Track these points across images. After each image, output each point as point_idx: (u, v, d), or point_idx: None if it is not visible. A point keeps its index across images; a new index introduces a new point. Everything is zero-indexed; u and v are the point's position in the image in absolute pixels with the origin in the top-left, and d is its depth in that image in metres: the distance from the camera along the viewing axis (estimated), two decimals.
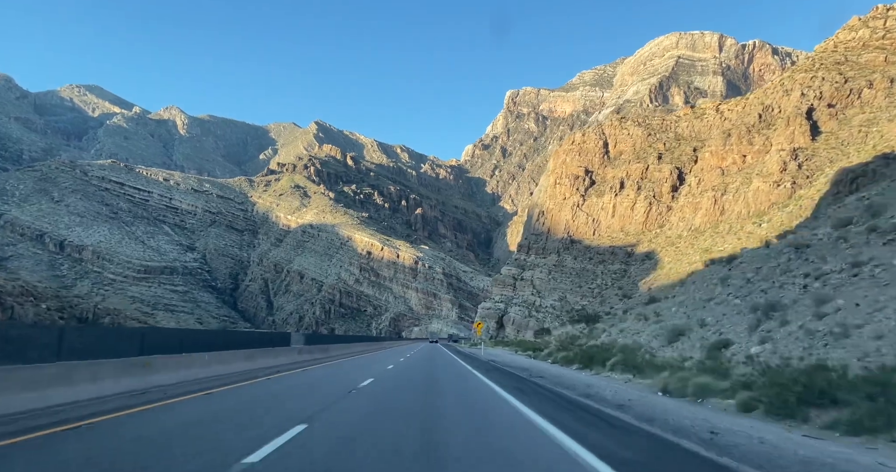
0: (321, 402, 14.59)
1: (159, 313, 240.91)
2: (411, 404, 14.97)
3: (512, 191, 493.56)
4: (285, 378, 22.38)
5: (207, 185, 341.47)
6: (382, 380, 23.27)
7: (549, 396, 17.74)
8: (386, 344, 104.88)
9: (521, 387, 20.60)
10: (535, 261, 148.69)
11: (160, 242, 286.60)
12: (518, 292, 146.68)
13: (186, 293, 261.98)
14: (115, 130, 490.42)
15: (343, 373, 28.73)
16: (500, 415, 12.79)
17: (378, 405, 14.37)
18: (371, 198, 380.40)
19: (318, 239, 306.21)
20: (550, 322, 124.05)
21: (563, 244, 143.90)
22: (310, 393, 17.43)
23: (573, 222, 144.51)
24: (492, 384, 21.71)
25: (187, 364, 19.79)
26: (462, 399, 16.12)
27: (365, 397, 16.40)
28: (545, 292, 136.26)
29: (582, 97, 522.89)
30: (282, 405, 13.89)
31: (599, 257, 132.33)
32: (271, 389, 17.84)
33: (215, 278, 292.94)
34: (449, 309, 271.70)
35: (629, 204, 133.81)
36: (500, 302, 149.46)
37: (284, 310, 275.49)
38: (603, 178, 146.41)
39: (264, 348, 32.68)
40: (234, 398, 15.01)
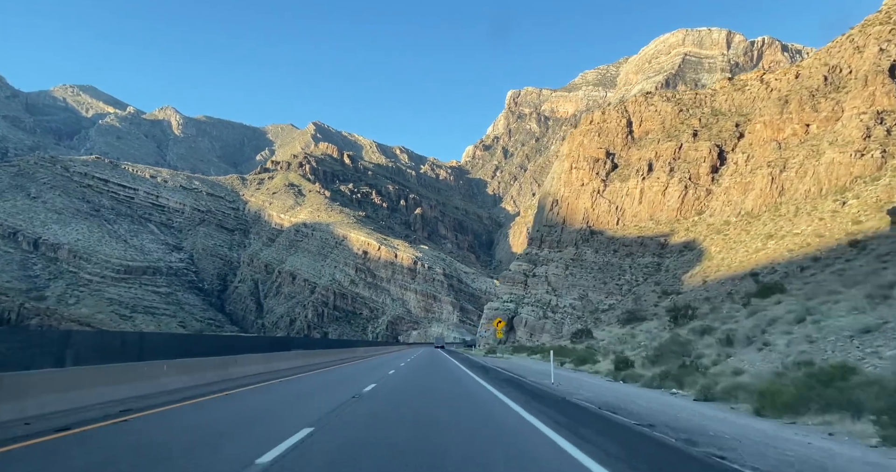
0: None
1: (139, 315, 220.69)
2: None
3: (514, 192, 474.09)
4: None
5: (197, 182, 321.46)
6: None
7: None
8: (380, 351, 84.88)
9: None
10: (550, 255, 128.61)
11: (144, 241, 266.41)
12: (530, 290, 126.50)
13: (170, 295, 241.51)
14: (108, 129, 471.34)
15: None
16: None
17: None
18: (369, 197, 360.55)
19: (311, 238, 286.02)
20: (571, 324, 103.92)
21: (582, 236, 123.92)
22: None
23: (593, 211, 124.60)
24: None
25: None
26: None
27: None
28: (562, 289, 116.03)
29: (585, 97, 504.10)
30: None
31: (626, 249, 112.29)
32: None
33: (202, 279, 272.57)
34: (450, 312, 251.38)
35: (660, 188, 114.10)
36: (509, 302, 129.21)
37: (275, 313, 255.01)
38: (627, 160, 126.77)
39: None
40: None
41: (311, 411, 13.51)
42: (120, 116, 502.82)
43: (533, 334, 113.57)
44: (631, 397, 18.92)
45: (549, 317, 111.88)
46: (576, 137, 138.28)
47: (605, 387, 23.92)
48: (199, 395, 16.15)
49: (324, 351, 51.06)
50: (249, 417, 12.27)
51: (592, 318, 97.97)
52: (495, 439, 10.01)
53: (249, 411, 13.29)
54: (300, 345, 48.82)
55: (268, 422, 11.47)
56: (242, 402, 15.13)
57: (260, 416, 12.43)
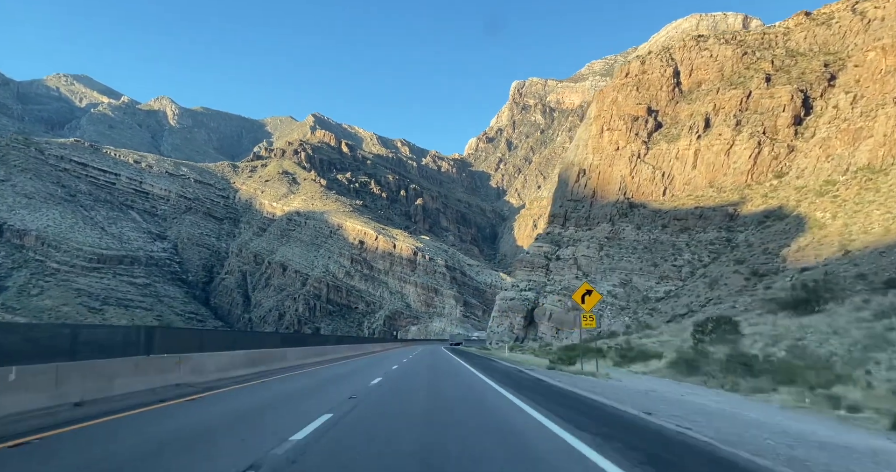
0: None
1: (110, 308, 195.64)
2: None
3: (518, 185, 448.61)
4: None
5: (185, 169, 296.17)
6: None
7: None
8: (358, 352, 59.90)
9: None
10: (577, 234, 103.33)
11: (124, 228, 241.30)
12: (553, 275, 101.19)
13: (147, 287, 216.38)
14: (99, 118, 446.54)
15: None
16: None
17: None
18: (367, 187, 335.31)
19: (304, 227, 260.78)
20: (613, 317, 78.56)
21: (619, 210, 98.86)
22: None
23: (632, 180, 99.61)
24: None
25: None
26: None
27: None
28: (596, 274, 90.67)
29: (592, 87, 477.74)
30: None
31: (678, 223, 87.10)
32: None
33: (187, 270, 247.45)
34: (452, 306, 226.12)
35: (722, 147, 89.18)
36: (527, 290, 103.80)
37: (263, 306, 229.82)
38: (674, 118, 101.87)
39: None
40: None
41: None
42: (113, 105, 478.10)
43: (560, 330, 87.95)
44: None
45: (580, 309, 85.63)
46: (607, 95, 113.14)
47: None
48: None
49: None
50: None
51: (645, 308, 72.46)
52: None
53: None
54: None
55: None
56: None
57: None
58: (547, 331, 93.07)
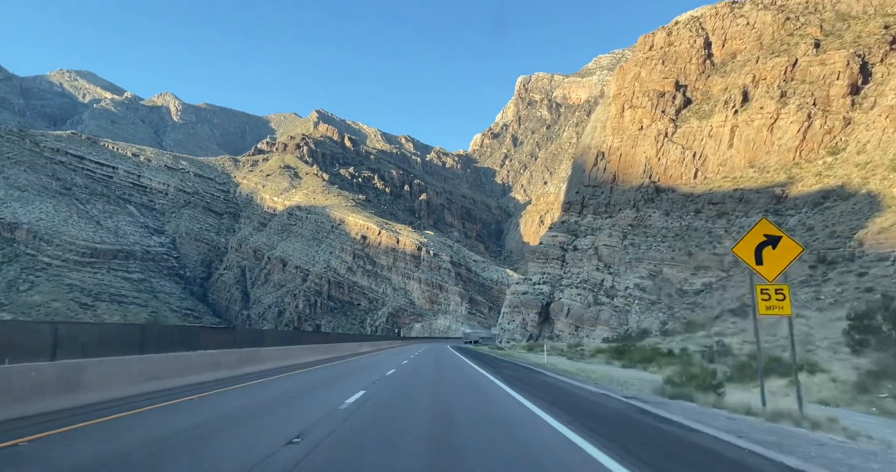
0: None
1: (102, 304, 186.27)
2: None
3: (524, 181, 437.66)
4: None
5: (184, 163, 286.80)
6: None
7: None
8: (348, 353, 49.71)
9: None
10: (596, 222, 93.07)
11: (120, 223, 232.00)
12: (570, 268, 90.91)
13: (143, 282, 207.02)
14: (101, 113, 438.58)
15: None
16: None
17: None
18: (370, 182, 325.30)
19: (305, 222, 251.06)
20: (642, 313, 68.20)
21: (644, 195, 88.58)
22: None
23: (658, 161, 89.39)
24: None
25: None
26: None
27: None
28: (619, 265, 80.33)
29: (599, 82, 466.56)
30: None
31: (714, 208, 76.79)
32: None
33: (184, 265, 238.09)
34: (458, 303, 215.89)
35: (764, 122, 78.91)
36: (541, 284, 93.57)
37: (262, 303, 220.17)
38: (706, 92, 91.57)
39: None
40: None
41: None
42: (116, 100, 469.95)
43: (580, 327, 77.53)
44: None
45: (604, 303, 76.25)
46: (628, 70, 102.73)
47: None
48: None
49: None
50: None
51: (682, 303, 62.08)
52: None
53: None
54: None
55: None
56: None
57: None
58: (565, 328, 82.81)
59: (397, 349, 65.74)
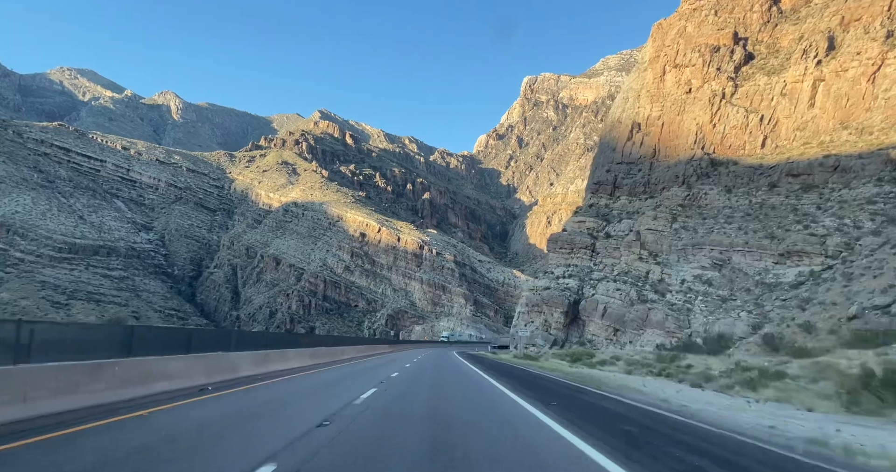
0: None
1: (77, 303, 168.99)
2: None
3: (529, 182, 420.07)
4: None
5: (177, 157, 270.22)
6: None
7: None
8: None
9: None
10: (633, 204, 75.68)
11: (105, 218, 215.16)
12: (603, 258, 73.29)
13: (125, 280, 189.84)
14: (100, 110, 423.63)
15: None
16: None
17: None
18: (372, 180, 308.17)
19: (302, 219, 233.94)
20: (710, 312, 50.30)
21: (696, 169, 71.37)
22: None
23: (713, 129, 72.39)
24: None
25: None
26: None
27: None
28: (670, 253, 62.71)
29: (607, 82, 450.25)
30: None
31: (797, 180, 59.56)
32: None
33: (172, 263, 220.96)
34: (462, 305, 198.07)
35: (863, 71, 61.97)
36: (566, 277, 75.65)
37: (253, 303, 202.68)
38: (772, 45, 74.70)
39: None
40: None
41: None
42: (115, 98, 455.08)
43: (620, 330, 59.62)
44: None
45: (652, 300, 58.54)
46: (670, 27, 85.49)
47: None
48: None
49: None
50: None
51: (774, 299, 44.23)
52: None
53: None
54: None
55: None
56: None
57: None
58: (600, 331, 64.84)
59: (382, 359, 48.36)
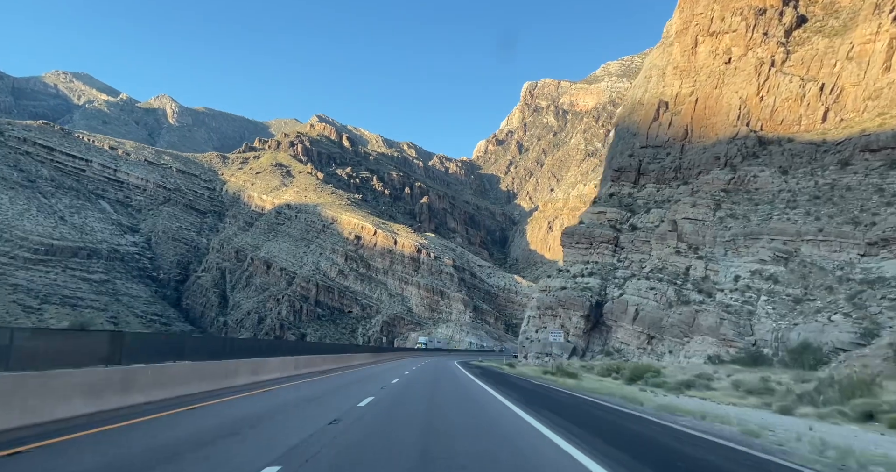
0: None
1: (51, 307, 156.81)
2: None
3: (529, 188, 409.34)
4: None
5: (167, 157, 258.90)
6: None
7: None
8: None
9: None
10: (662, 193, 64.61)
11: (89, 219, 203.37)
12: (629, 253, 61.89)
13: (105, 283, 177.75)
14: (94, 113, 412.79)
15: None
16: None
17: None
18: (368, 183, 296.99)
19: (294, 221, 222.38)
20: (781, 316, 37.79)
21: (741, 148, 60.44)
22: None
23: (761, 102, 61.78)
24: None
25: None
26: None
27: None
28: (715, 246, 51.15)
29: (608, 88, 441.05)
30: None
31: (874, 156, 48.50)
32: None
33: (158, 266, 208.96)
34: (461, 311, 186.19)
35: None
36: (585, 276, 63.96)
37: (241, 308, 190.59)
38: (830, 5, 63.77)
39: None
40: None
41: None
42: (110, 102, 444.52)
43: (657, 337, 47.68)
44: None
45: (697, 302, 46.80)
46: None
47: None
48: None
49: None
50: None
51: (878, 298, 32.19)
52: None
53: None
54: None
55: None
56: None
57: None
58: (630, 339, 53.06)
59: (359, 372, 36.77)
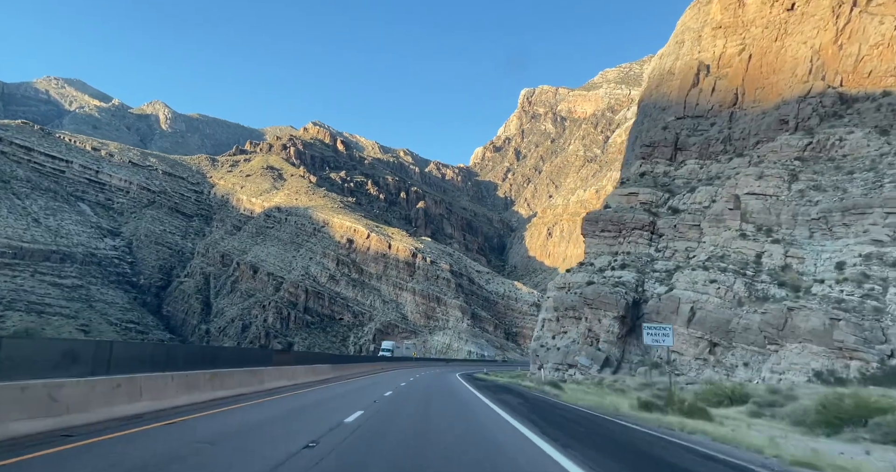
0: None
1: (15, 314, 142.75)
2: None
3: (528, 194, 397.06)
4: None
5: (153, 159, 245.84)
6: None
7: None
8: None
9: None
10: (708, 168, 51.93)
11: (65, 221, 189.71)
12: (671, 241, 48.44)
13: (77, 289, 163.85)
14: (84, 118, 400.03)
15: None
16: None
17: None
18: (363, 187, 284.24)
19: (284, 224, 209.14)
20: None
21: (815, 109, 48.40)
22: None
23: (839, 52, 50.02)
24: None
25: None
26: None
27: None
28: (795, 227, 37.54)
29: (606, 95, 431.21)
30: None
31: None
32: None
33: (139, 271, 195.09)
34: (458, 319, 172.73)
35: None
36: (615, 268, 50.47)
37: (225, 315, 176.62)
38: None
39: None
40: None
41: None
42: (101, 107, 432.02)
43: (723, 345, 33.37)
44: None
45: (793, 299, 33.06)
46: None
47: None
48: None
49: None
50: None
51: None
52: None
53: None
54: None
55: None
56: None
57: None
58: (686, 346, 40.05)
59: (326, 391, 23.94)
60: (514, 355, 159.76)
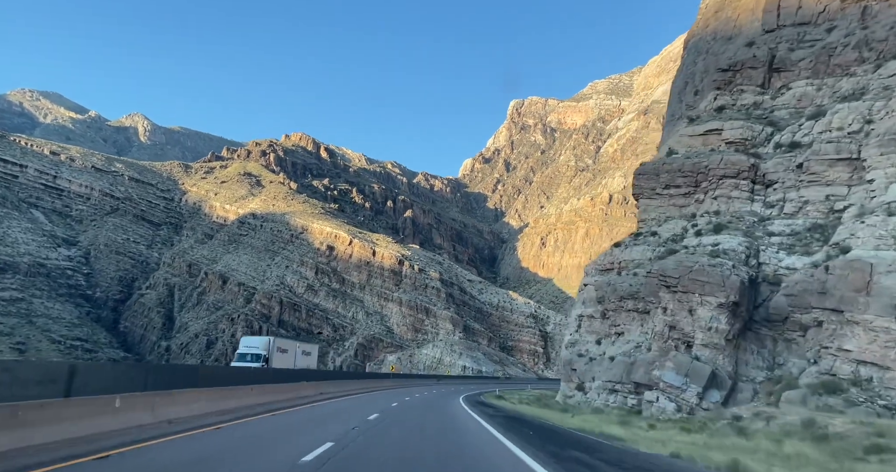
0: None
1: None
2: None
3: (518, 205, 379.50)
4: None
5: (120, 165, 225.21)
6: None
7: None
8: None
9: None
10: (838, 85, 32.32)
11: (12, 229, 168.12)
12: (788, 191, 27.85)
13: (17, 302, 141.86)
14: (57, 130, 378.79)
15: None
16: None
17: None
18: (348, 195, 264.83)
19: (259, 231, 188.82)
20: None
21: None
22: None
23: None
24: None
25: None
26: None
27: None
28: None
29: (596, 106, 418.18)
30: None
31: None
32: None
33: (95, 284, 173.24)
34: (449, 331, 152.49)
35: None
36: (703, 234, 29.70)
37: (188, 330, 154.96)
38: None
39: None
40: None
41: None
42: (76, 119, 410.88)
43: None
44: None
45: None
46: None
47: None
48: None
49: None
50: None
51: None
52: None
53: None
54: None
55: None
56: None
57: None
58: (880, 355, 17.80)
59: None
60: (515, 370, 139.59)
